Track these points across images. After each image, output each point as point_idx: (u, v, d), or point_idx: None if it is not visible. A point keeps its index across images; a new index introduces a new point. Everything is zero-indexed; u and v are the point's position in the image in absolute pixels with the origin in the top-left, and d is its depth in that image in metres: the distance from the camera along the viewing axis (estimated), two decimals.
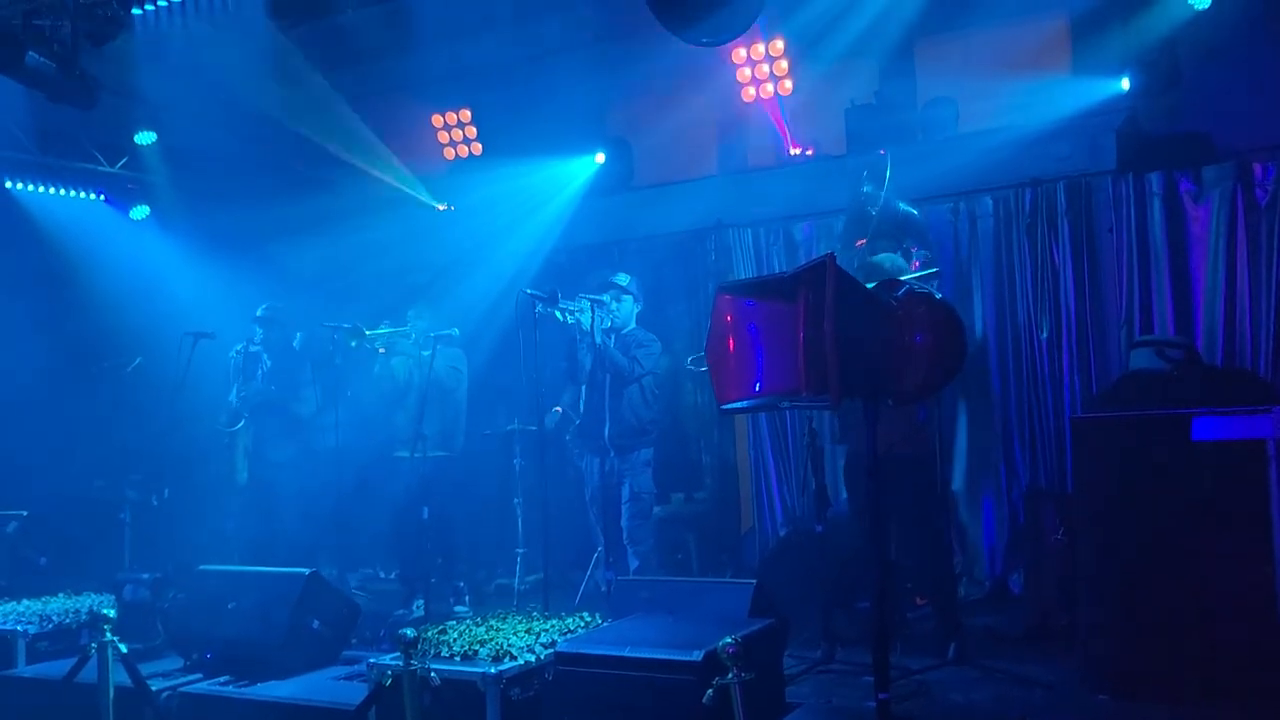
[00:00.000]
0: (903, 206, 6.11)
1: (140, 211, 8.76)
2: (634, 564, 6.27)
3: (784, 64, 7.16)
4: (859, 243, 5.95)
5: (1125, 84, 6.31)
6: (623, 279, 6.55)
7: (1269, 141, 5.96)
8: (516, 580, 7.09)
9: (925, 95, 7.14)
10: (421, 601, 6.53)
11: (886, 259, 5.25)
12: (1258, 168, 5.95)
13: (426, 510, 6.49)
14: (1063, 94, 6.48)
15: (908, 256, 5.48)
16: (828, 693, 4.57)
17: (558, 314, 6.19)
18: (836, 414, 5.51)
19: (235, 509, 7.45)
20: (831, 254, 3.62)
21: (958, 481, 6.75)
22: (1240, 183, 5.98)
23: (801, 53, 7.14)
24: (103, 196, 8.69)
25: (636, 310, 6.57)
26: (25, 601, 5.88)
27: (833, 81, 7.20)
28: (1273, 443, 4.07)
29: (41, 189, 8.33)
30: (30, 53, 5.88)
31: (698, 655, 3.72)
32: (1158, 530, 4.27)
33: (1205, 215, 6.08)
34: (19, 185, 8.29)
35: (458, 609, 6.79)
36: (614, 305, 6.41)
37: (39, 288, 8.10)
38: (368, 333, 6.85)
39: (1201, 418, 4.19)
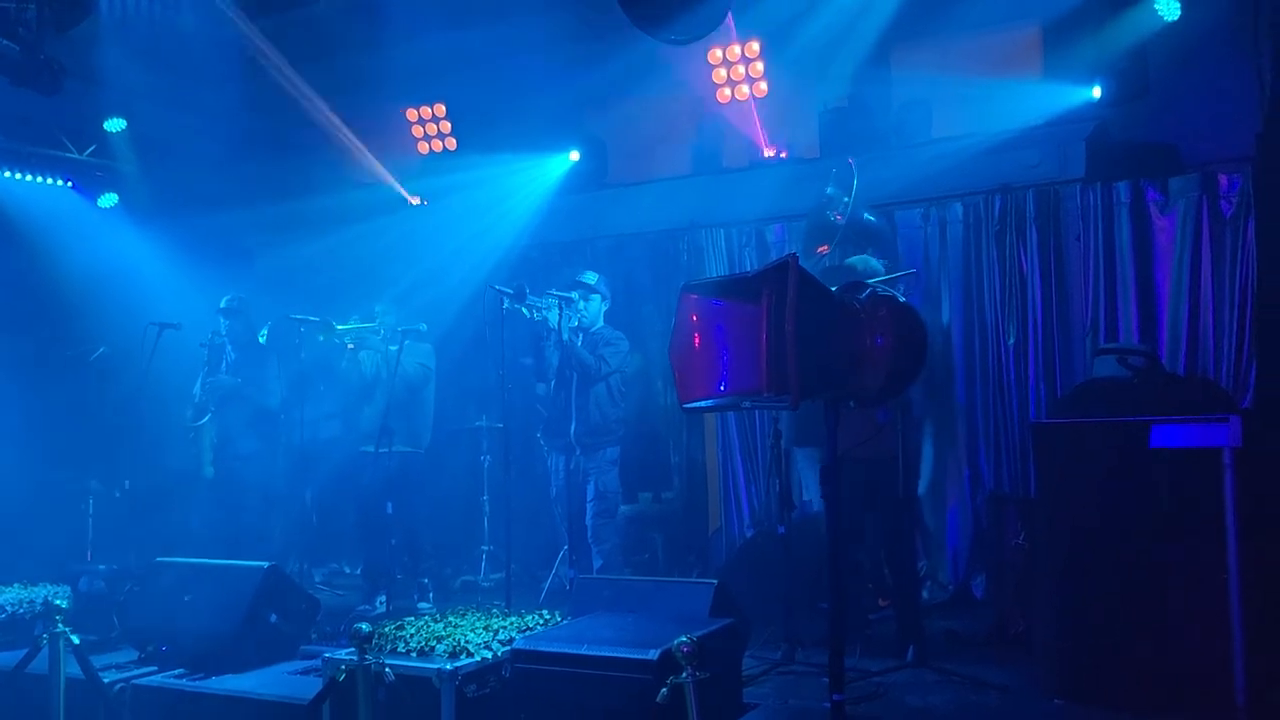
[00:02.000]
0: (867, 216, 6.14)
1: (108, 199, 8.65)
2: (598, 563, 6.26)
3: (759, 66, 7.18)
4: (820, 249, 5.97)
5: (1096, 92, 6.36)
6: (590, 277, 6.54)
7: (1235, 153, 6.01)
8: (481, 577, 7.07)
9: (899, 99, 7.17)
10: (384, 597, 6.49)
11: (859, 261, 5.26)
12: (1223, 179, 6.01)
13: (391, 505, 6.44)
14: (1034, 101, 6.52)
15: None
16: (786, 694, 4.58)
17: (524, 311, 6.17)
18: (795, 416, 5.53)
19: (200, 502, 7.37)
20: (794, 254, 3.62)
21: (923, 485, 6.77)
22: (1206, 194, 6.04)
23: (776, 55, 7.16)
24: (70, 183, 8.57)
25: (604, 309, 6.57)
26: None
27: (807, 84, 7.23)
28: (1229, 451, 4.10)
29: (7, 174, 8.20)
30: None
31: (653, 654, 3.71)
32: (1116, 536, 4.30)
33: (1171, 225, 6.14)
34: None
35: (421, 605, 6.75)
36: (582, 304, 6.40)
37: (2, 273, 7.98)
38: (337, 327, 6.80)
39: (1160, 425, 4.22)
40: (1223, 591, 4.09)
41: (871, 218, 6.26)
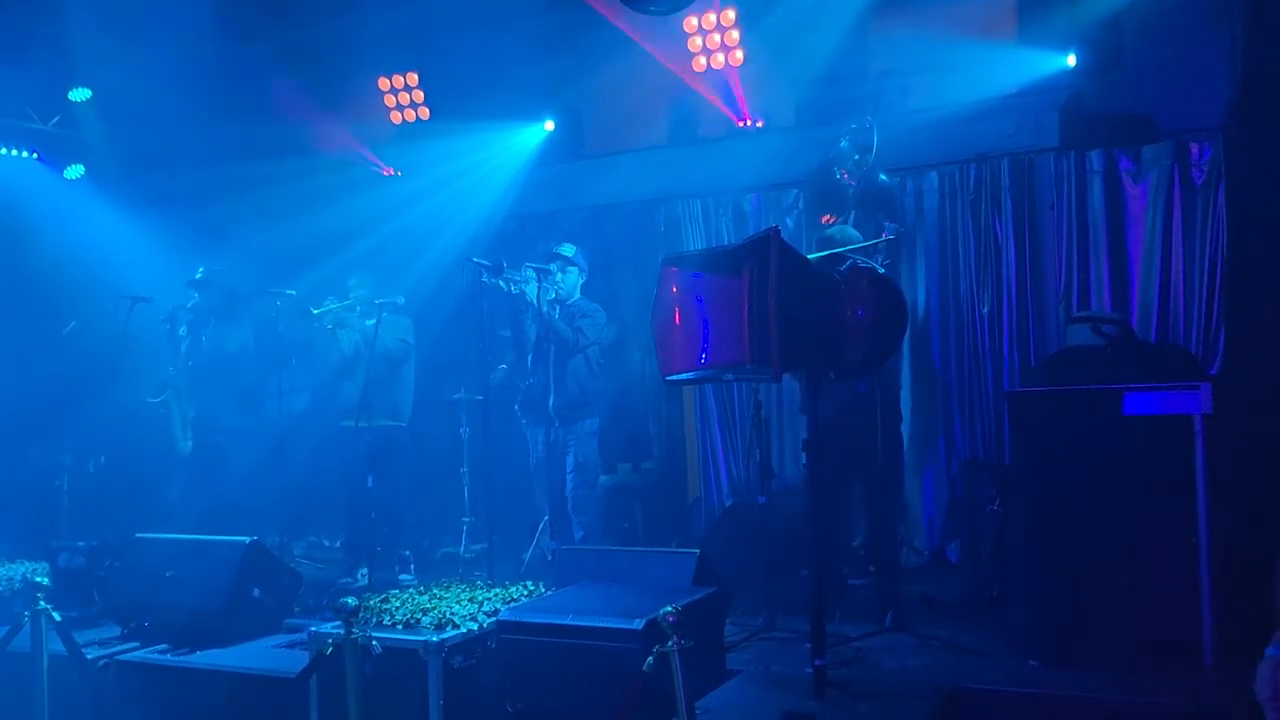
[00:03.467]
0: (882, 176, 6.11)
1: (75, 171, 8.51)
2: (579, 534, 6.30)
3: (735, 34, 7.13)
4: (825, 219, 5.95)
5: (1071, 60, 6.38)
6: (568, 250, 6.53)
7: (1206, 123, 6.08)
8: (462, 548, 7.10)
9: (875, 68, 7.16)
10: (366, 570, 6.50)
11: (838, 231, 5.27)
12: (1194, 148, 6.07)
13: (371, 479, 6.44)
14: (1009, 70, 6.53)
15: (878, 230, 5.50)
16: (767, 659, 4.64)
17: (501, 284, 6.16)
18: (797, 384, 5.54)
19: (177, 476, 7.33)
20: (776, 228, 3.65)
21: (900, 450, 6.84)
22: (1178, 162, 6.11)
23: (753, 23, 7.11)
24: (36, 154, 8.42)
25: (581, 281, 6.57)
26: None
27: (784, 53, 7.20)
28: (1199, 418, 4.19)
29: None
30: None
31: (639, 623, 3.76)
32: (1089, 501, 4.38)
33: (1143, 194, 6.21)
34: None
35: (402, 577, 6.77)
36: (559, 276, 6.39)
37: None
38: (315, 311, 6.74)
39: (1133, 393, 4.30)
40: (1192, 555, 4.19)
41: (885, 179, 6.23)
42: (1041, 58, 6.49)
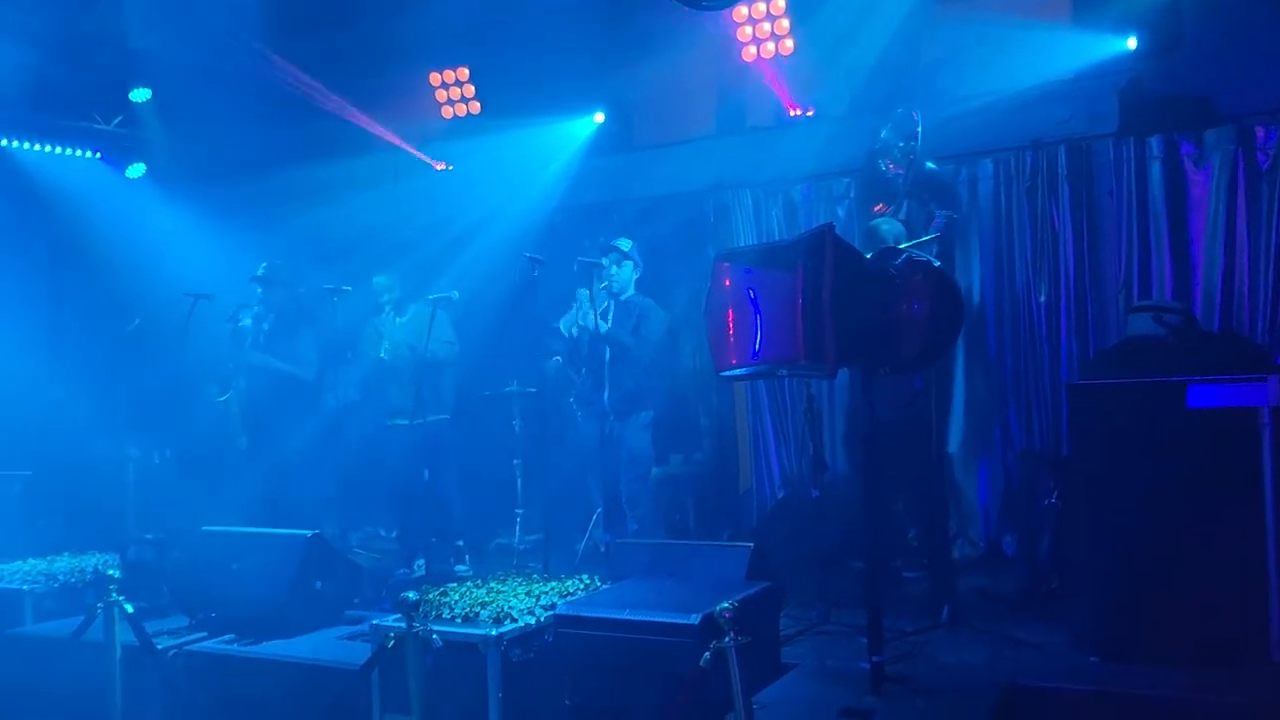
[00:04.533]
0: (929, 165, 6.05)
1: (136, 170, 8.70)
2: (632, 526, 6.33)
3: (785, 23, 7.07)
4: (876, 208, 5.90)
5: (1131, 44, 6.25)
6: (625, 244, 6.52)
7: (1271, 105, 5.92)
8: (516, 540, 7.17)
9: (928, 55, 7.07)
10: (422, 561, 6.60)
11: (885, 223, 5.23)
12: (1259, 131, 5.92)
13: (427, 472, 6.54)
14: (1065, 55, 6.41)
15: (930, 219, 5.45)
16: (823, 654, 4.65)
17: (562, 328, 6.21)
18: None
19: (237, 469, 7.49)
20: (831, 224, 3.64)
21: (954, 443, 6.78)
22: (1241, 146, 5.96)
23: (803, 12, 7.06)
24: (99, 154, 8.62)
25: (636, 276, 6.54)
26: (31, 561, 5.95)
27: (835, 40, 7.12)
28: (1267, 410, 4.10)
29: (37, 147, 8.26)
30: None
31: (695, 618, 3.78)
32: (1151, 496, 4.31)
33: (1205, 179, 6.06)
34: (14, 143, 8.23)
35: (458, 569, 6.87)
36: (614, 269, 6.39)
37: (37, 247, 8.08)
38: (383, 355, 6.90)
39: (1196, 385, 4.22)
40: (1259, 551, 4.11)
41: (934, 166, 6.16)
42: (1099, 41, 6.36)
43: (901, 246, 4.57)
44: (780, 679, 4.23)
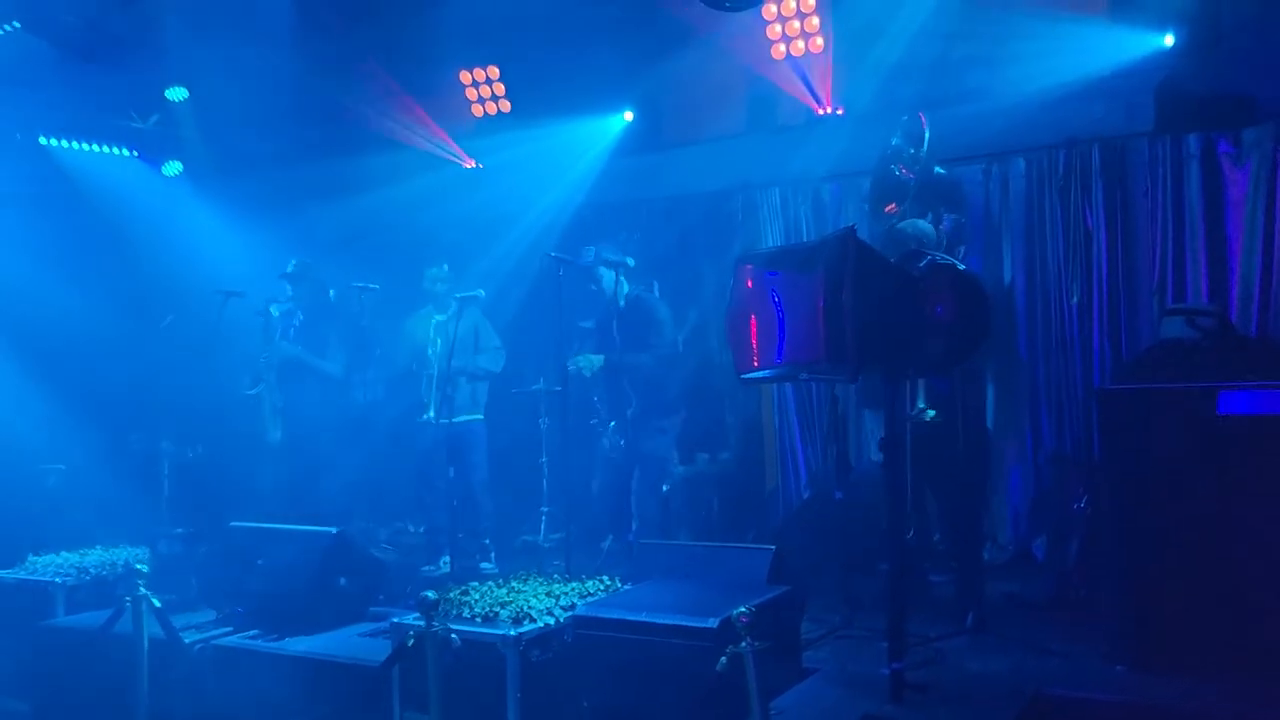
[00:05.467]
0: (938, 170, 6.01)
1: (173, 168, 8.82)
2: (634, 526, 6.21)
3: (814, 21, 7.03)
4: (888, 208, 5.86)
5: (1169, 40, 6.13)
6: (588, 254, 6.32)
7: None
8: (541, 537, 7.19)
9: (959, 51, 6.97)
10: (448, 558, 6.63)
11: (910, 226, 5.18)
12: None
13: (452, 470, 6.57)
14: (1099, 52, 6.30)
15: (938, 222, 5.40)
16: (844, 658, 4.61)
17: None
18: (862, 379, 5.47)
19: (268, 465, 7.57)
20: (853, 226, 3.60)
21: (984, 446, 6.70)
22: None
23: (833, 9, 7.01)
24: (135, 153, 8.75)
25: (622, 273, 6.33)
26: (63, 554, 6.04)
27: (865, 38, 7.06)
28: None
29: (75, 145, 8.40)
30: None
31: (713, 622, 3.77)
32: (1183, 502, 4.23)
33: (1244, 179, 5.94)
34: (53, 141, 8.37)
35: (483, 566, 6.90)
36: (593, 287, 6.27)
37: (73, 242, 8.19)
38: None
39: (1229, 392, 4.13)
40: None
41: (942, 171, 6.12)
42: (1135, 37, 6.25)
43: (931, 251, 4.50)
44: (800, 684, 4.21)
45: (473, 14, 7.66)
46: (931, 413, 4.74)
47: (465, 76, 8.33)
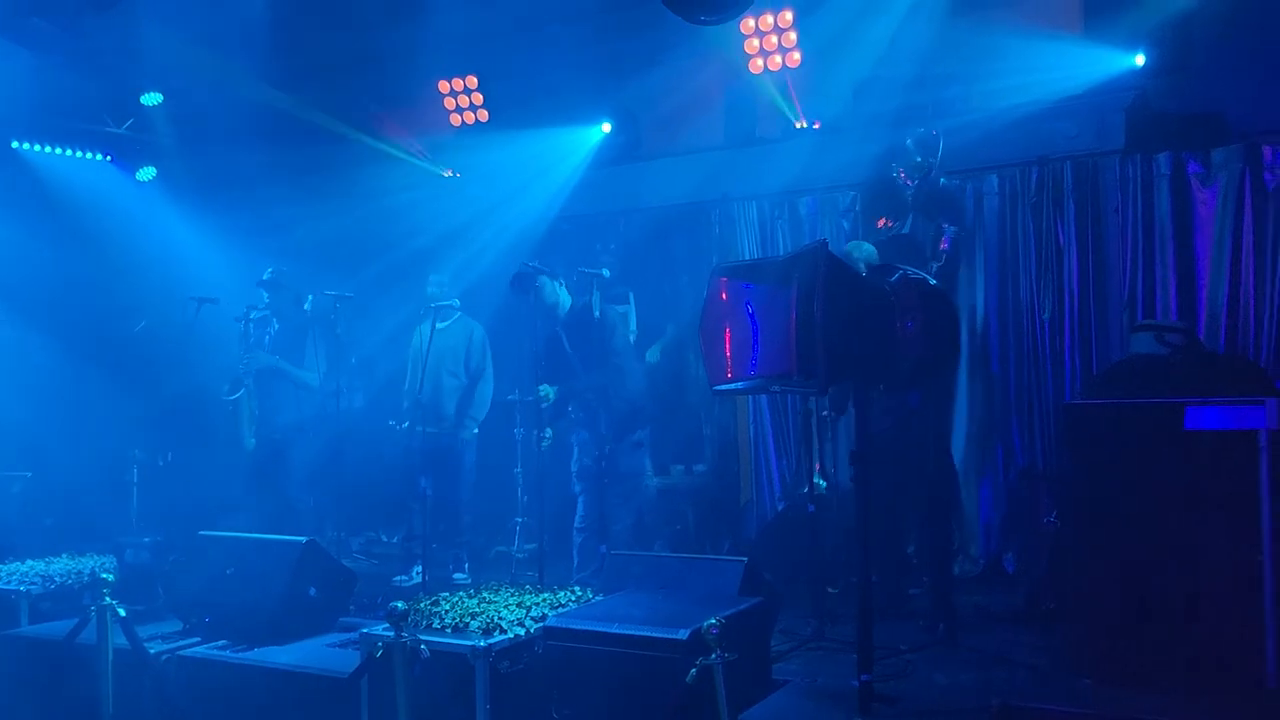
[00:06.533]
0: (943, 181, 6.04)
1: (147, 173, 8.77)
2: (606, 543, 6.16)
3: (792, 35, 7.08)
4: (880, 223, 5.90)
5: (1140, 60, 6.23)
6: (526, 271, 6.11)
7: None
8: (515, 548, 7.17)
9: (935, 69, 7.05)
10: (420, 568, 6.60)
11: (854, 248, 5.23)
12: (1267, 150, 5.89)
13: (423, 480, 6.55)
14: (1073, 71, 6.40)
15: (939, 235, 5.45)
16: (815, 670, 4.62)
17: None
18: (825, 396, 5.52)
19: (242, 473, 7.51)
20: (824, 240, 3.63)
21: (955, 459, 6.75)
22: (1249, 166, 5.93)
23: (809, 24, 7.06)
24: (109, 157, 8.69)
25: (560, 284, 6.26)
26: (29, 562, 5.97)
27: (841, 54, 7.12)
28: (1265, 434, 4.05)
29: (48, 149, 8.33)
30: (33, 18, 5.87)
31: (683, 634, 3.76)
32: (1148, 517, 4.26)
33: (1212, 198, 6.03)
34: (25, 145, 8.30)
35: (456, 576, 6.87)
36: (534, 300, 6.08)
37: (45, 248, 8.12)
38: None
39: (1195, 407, 4.17)
40: (1256, 575, 4.07)
41: (945, 181, 6.14)
42: (1107, 57, 6.34)
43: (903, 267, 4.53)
44: (769, 697, 4.20)
45: (451, 24, 7.67)
46: (824, 484, 4.80)
47: (444, 86, 8.33)
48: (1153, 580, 4.24)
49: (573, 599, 4.59)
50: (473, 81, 8.28)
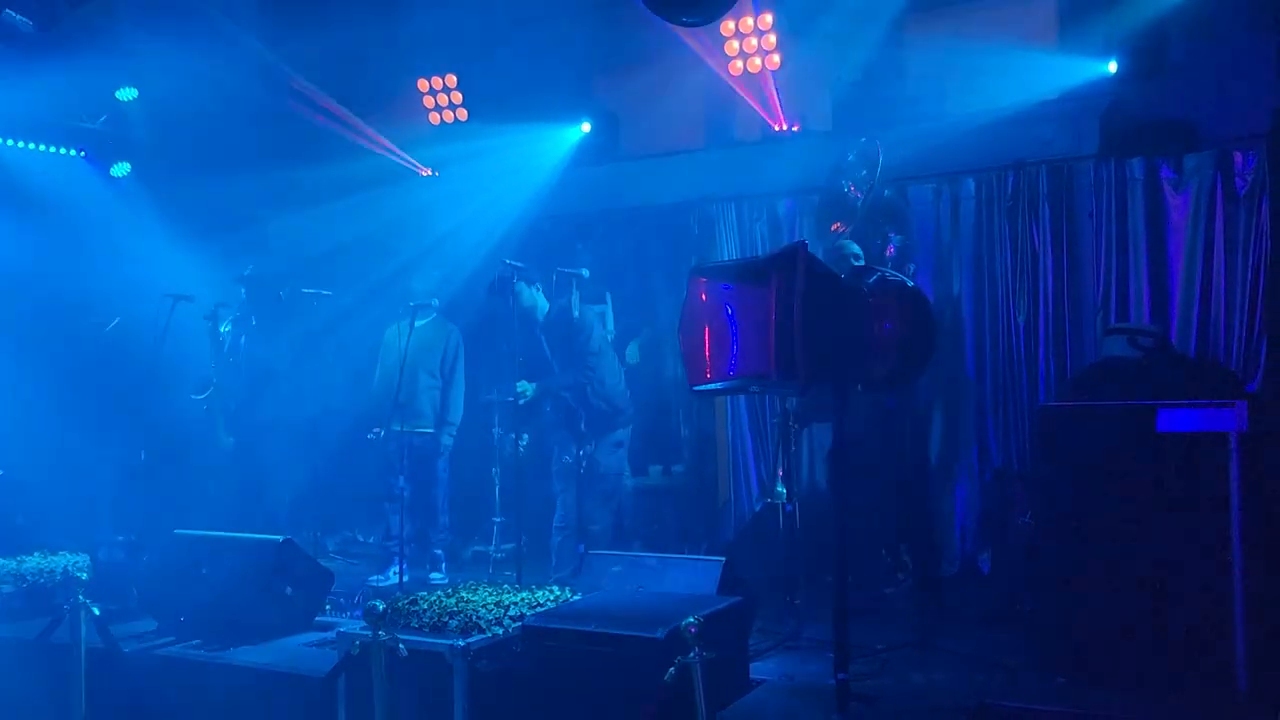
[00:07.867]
0: (886, 192, 6.11)
1: (121, 168, 8.65)
2: (585, 543, 6.18)
3: (772, 38, 7.11)
4: (835, 227, 5.95)
5: (1112, 67, 6.30)
6: (508, 273, 6.16)
7: (1250, 130, 5.96)
8: (493, 548, 7.16)
9: (913, 73, 7.11)
10: (398, 567, 6.57)
11: (850, 244, 5.26)
12: (1238, 156, 5.95)
13: (401, 480, 6.53)
14: (1049, 76, 6.46)
15: (885, 242, 5.50)
16: (792, 670, 4.64)
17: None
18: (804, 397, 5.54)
19: (217, 471, 7.46)
20: (803, 241, 3.65)
21: (931, 460, 6.80)
22: (1220, 171, 5.99)
23: (790, 27, 7.09)
24: (83, 153, 8.58)
25: (539, 288, 6.34)
26: (1, 560, 5.90)
27: (821, 57, 7.16)
28: (1235, 436, 4.12)
29: (19, 144, 8.21)
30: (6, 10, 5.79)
31: (661, 633, 3.78)
32: (1121, 518, 4.33)
33: (1185, 203, 6.10)
34: None
35: (433, 576, 6.84)
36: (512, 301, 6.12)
37: (17, 244, 8.01)
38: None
39: (1167, 409, 4.24)
40: (1226, 574, 4.13)
41: (889, 194, 6.22)
42: (1082, 64, 6.41)
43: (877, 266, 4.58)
44: (747, 695, 4.23)
45: (431, 22, 7.65)
46: (784, 491, 4.87)
47: (423, 84, 8.30)
48: (1126, 580, 4.30)
49: (551, 598, 4.60)
50: (452, 80, 8.25)
